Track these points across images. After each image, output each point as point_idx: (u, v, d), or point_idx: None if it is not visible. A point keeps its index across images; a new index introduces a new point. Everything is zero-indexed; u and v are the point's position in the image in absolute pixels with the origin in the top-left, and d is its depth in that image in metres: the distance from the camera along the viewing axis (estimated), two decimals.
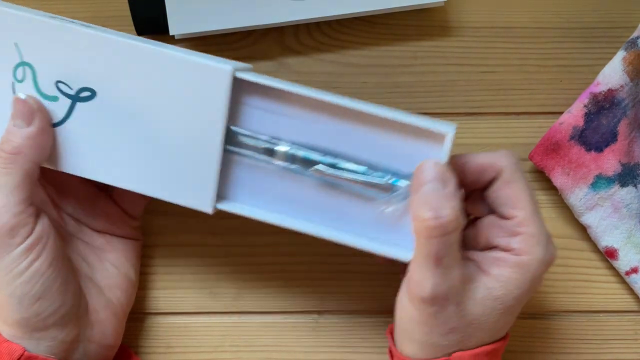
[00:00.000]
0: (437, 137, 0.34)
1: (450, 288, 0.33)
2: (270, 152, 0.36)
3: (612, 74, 0.43)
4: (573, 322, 0.46)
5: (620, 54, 0.43)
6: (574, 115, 0.44)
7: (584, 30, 0.45)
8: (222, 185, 0.37)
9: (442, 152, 0.34)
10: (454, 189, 0.33)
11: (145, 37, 0.43)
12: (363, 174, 0.35)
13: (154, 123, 0.36)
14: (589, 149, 0.44)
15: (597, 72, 0.44)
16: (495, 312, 0.35)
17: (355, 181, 0.35)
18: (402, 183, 0.35)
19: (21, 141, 0.35)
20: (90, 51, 0.36)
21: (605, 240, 0.44)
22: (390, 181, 0.35)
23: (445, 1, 0.43)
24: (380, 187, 0.35)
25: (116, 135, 0.36)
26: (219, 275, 0.46)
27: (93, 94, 0.36)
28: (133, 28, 0.43)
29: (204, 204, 0.36)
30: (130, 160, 0.36)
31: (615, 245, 0.44)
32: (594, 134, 0.44)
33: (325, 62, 0.45)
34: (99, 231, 0.42)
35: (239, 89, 0.36)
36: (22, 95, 0.36)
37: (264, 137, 0.36)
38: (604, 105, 0.43)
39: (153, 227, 0.45)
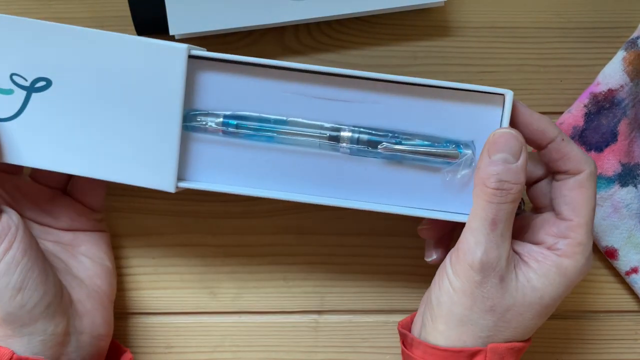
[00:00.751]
0: (493, 100, 0.36)
1: (499, 259, 0.34)
2: (335, 138, 0.37)
3: (612, 74, 0.43)
4: (573, 322, 0.46)
5: (620, 54, 0.43)
6: (574, 115, 0.44)
7: (584, 30, 0.45)
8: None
9: (504, 114, 0.36)
10: (524, 164, 0.35)
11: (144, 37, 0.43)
12: (428, 145, 0.37)
13: (111, 107, 0.36)
14: (589, 149, 0.44)
15: (597, 72, 0.44)
16: (534, 307, 0.36)
17: (424, 152, 0.36)
18: (467, 150, 0.36)
19: None
20: (43, 40, 0.36)
21: (605, 240, 0.44)
22: (457, 149, 0.36)
23: (445, 1, 0.43)
24: (447, 155, 0.36)
25: (74, 123, 0.37)
26: (219, 275, 0.46)
27: (49, 83, 0.36)
28: (133, 28, 0.43)
29: (166, 183, 0.37)
30: (89, 147, 0.37)
31: (615, 245, 0.44)
32: (594, 134, 0.44)
33: (325, 62, 0.45)
34: (64, 229, 0.42)
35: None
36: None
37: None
38: (604, 105, 0.43)
39: (153, 228, 0.45)
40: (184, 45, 0.36)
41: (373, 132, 0.37)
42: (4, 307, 0.36)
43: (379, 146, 0.36)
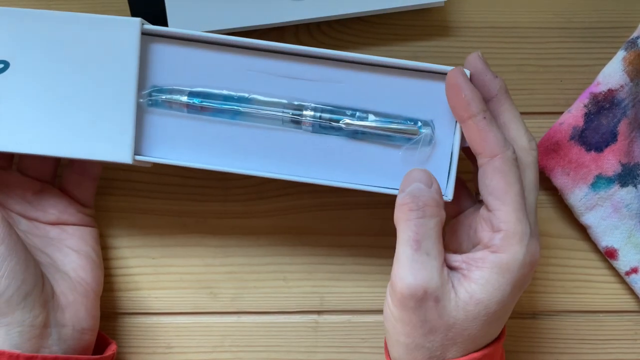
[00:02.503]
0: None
1: (430, 279, 0.34)
2: (298, 116, 0.38)
3: (612, 74, 0.43)
4: (573, 322, 0.46)
5: (620, 54, 0.43)
6: (574, 115, 0.44)
7: (584, 30, 0.45)
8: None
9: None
10: (438, 189, 0.36)
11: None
12: (389, 121, 0.38)
13: (69, 85, 0.37)
14: (589, 149, 0.44)
15: (597, 72, 0.44)
16: (480, 319, 0.34)
17: (385, 129, 0.37)
18: (426, 127, 0.37)
19: None
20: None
21: (605, 241, 0.44)
22: (417, 126, 0.38)
23: (445, 1, 0.43)
24: (407, 132, 0.38)
25: (33, 103, 0.37)
26: (219, 275, 0.46)
27: (6, 65, 0.37)
28: None
29: (123, 155, 0.37)
30: (48, 127, 0.37)
31: (615, 246, 0.44)
32: (594, 134, 0.44)
33: None
34: (51, 223, 0.42)
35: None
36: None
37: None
38: (604, 105, 0.43)
39: (153, 228, 0.45)
40: (137, 19, 0.37)
41: (335, 109, 0.38)
42: None
43: (340, 122, 0.37)
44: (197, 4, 0.42)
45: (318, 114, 0.38)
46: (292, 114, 0.38)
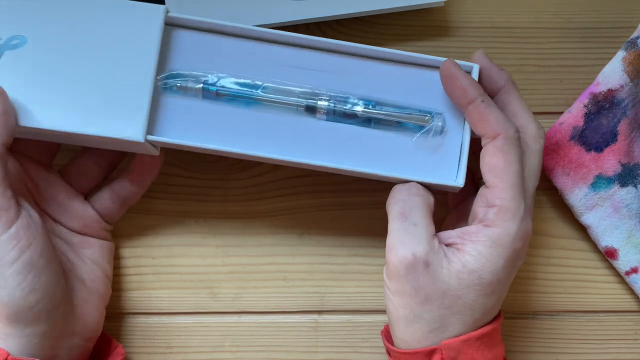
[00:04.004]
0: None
1: (417, 244, 0.35)
2: (312, 105, 0.38)
3: (612, 74, 0.43)
4: (573, 322, 0.46)
5: (620, 54, 0.43)
6: (574, 115, 0.44)
7: (584, 30, 0.45)
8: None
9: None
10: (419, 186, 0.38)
11: None
12: (401, 110, 0.39)
13: (86, 63, 0.37)
14: (589, 149, 0.44)
15: (597, 72, 0.44)
16: (474, 288, 0.35)
17: (398, 116, 0.38)
18: (437, 116, 0.39)
19: None
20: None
21: (605, 240, 0.44)
22: (429, 115, 0.39)
23: (445, 1, 0.43)
24: (419, 120, 0.39)
25: (48, 79, 0.37)
26: (219, 275, 0.46)
27: (23, 41, 0.37)
28: None
29: (135, 133, 0.37)
30: (63, 102, 0.37)
31: (615, 245, 0.44)
32: (594, 134, 0.44)
33: None
34: (75, 231, 0.42)
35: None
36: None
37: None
38: (604, 105, 0.43)
39: (153, 228, 0.45)
40: (162, 6, 0.37)
41: (349, 98, 0.39)
42: (13, 306, 0.35)
43: (354, 108, 0.38)
44: (197, 4, 0.42)
45: (332, 103, 0.38)
46: (307, 103, 0.38)
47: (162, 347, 0.45)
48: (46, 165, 0.41)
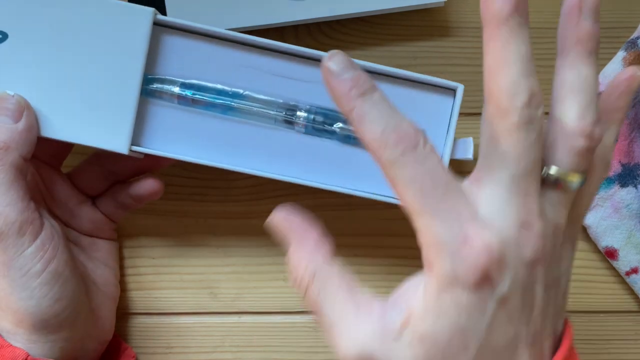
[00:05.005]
0: (447, 92, 0.38)
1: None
2: (291, 116, 0.37)
3: (612, 74, 0.43)
4: (573, 322, 0.45)
5: (620, 54, 0.43)
6: None
7: None
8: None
9: (454, 107, 0.38)
10: None
11: None
12: None
13: (70, 66, 0.36)
14: None
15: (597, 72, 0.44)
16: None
17: None
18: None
19: (9, 136, 0.34)
20: None
21: (605, 241, 0.44)
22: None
23: (445, 1, 0.43)
24: None
25: (28, 79, 0.36)
26: (219, 275, 0.46)
27: (4, 36, 0.36)
28: None
29: (120, 145, 0.36)
30: (42, 106, 0.36)
31: (616, 246, 0.44)
32: None
33: None
34: (84, 233, 0.42)
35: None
36: (10, 92, 0.36)
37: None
38: None
39: (153, 228, 0.45)
40: (150, 9, 0.36)
41: (330, 112, 0.38)
42: (39, 314, 0.35)
43: (334, 125, 0.37)
44: (197, 4, 0.42)
45: (312, 116, 0.37)
46: (286, 114, 0.38)
47: (162, 347, 0.45)
48: (56, 169, 0.41)
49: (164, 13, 0.42)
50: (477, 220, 0.26)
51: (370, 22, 0.45)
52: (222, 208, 0.45)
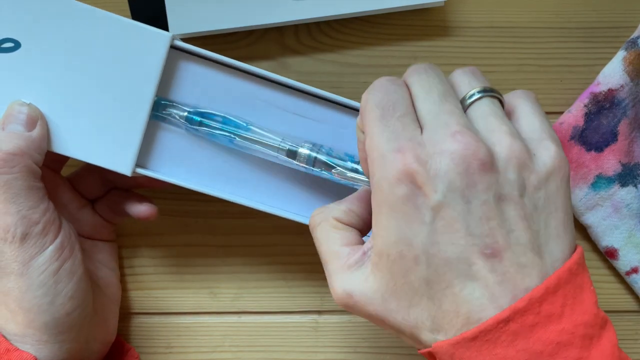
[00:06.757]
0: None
1: None
2: (293, 153, 0.37)
3: (612, 74, 0.43)
4: None
5: (620, 54, 0.43)
6: (574, 115, 0.44)
7: (584, 30, 0.45)
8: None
9: None
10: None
11: None
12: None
13: (80, 82, 0.36)
14: (589, 149, 0.44)
15: (597, 72, 0.44)
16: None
17: (358, 180, 0.36)
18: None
19: (24, 143, 0.35)
20: (18, 2, 0.35)
21: (606, 240, 0.44)
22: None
23: (445, 1, 0.43)
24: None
25: (38, 92, 0.36)
26: (219, 275, 0.46)
27: (17, 45, 0.35)
28: None
29: (124, 166, 0.36)
30: (51, 119, 0.36)
31: (616, 245, 0.44)
32: (594, 134, 0.44)
33: (325, 62, 0.45)
34: (84, 236, 0.42)
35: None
36: (26, 101, 0.36)
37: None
38: (604, 105, 0.43)
39: (153, 228, 0.45)
40: (168, 33, 0.36)
41: (332, 154, 0.37)
42: (52, 313, 0.36)
43: (332, 170, 0.37)
44: (197, 3, 0.42)
45: (313, 155, 0.37)
46: (288, 150, 0.37)
47: (162, 347, 0.45)
48: (57, 172, 0.41)
49: (164, 12, 0.42)
50: (415, 139, 0.28)
51: (370, 22, 0.45)
52: (222, 208, 0.45)
